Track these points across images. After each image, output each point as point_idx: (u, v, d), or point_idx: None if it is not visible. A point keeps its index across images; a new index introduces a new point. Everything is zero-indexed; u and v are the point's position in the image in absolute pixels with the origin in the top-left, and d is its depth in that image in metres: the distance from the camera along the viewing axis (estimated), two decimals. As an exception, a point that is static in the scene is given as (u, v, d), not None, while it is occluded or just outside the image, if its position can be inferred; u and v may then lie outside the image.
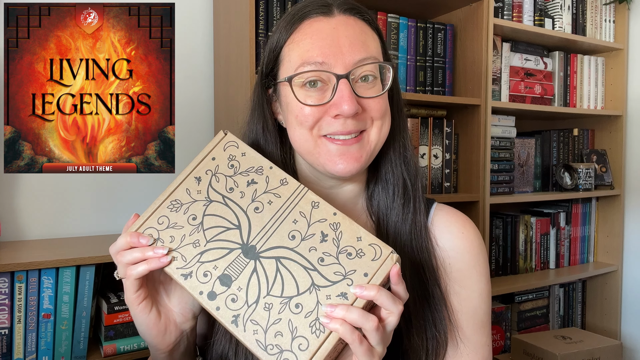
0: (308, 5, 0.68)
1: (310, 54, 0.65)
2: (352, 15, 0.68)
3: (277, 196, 0.60)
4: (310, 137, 0.67)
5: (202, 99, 1.62)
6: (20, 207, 1.37)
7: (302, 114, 0.66)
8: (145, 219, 0.62)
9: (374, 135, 0.68)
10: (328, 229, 0.58)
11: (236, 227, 0.59)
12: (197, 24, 1.61)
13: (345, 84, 0.63)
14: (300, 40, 0.66)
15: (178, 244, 0.60)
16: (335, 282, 0.56)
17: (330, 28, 0.65)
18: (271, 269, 0.57)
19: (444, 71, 1.73)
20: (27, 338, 1.11)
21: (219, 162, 0.63)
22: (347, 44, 0.65)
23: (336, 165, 0.66)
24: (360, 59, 0.65)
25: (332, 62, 0.64)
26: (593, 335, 1.87)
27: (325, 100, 0.65)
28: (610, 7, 2.17)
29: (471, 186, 1.75)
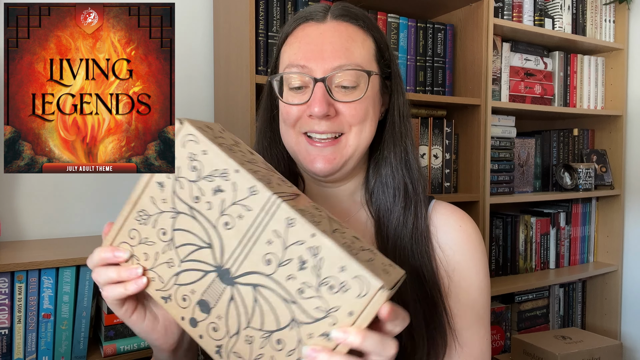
0: (310, 9, 0.73)
1: (295, 57, 0.70)
2: (344, 21, 0.71)
3: (248, 209, 0.50)
4: (293, 133, 0.72)
5: (202, 99, 1.62)
6: (20, 207, 1.37)
7: (286, 111, 0.71)
8: (117, 231, 0.57)
9: (352, 140, 0.70)
10: (307, 254, 0.48)
11: (208, 246, 0.52)
12: (197, 24, 1.61)
13: (320, 87, 0.67)
14: (292, 43, 0.71)
15: (153, 262, 0.55)
16: (317, 319, 0.48)
17: (317, 34, 0.69)
18: (249, 297, 0.50)
19: (444, 71, 1.73)
20: (27, 338, 1.11)
21: (180, 163, 0.55)
22: (330, 50, 0.68)
23: (310, 164, 0.71)
24: (338, 65, 0.68)
25: (312, 67, 0.68)
26: (593, 335, 1.87)
27: (304, 101, 0.69)
28: (610, 7, 2.17)
29: (471, 186, 1.75)
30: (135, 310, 0.60)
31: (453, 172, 1.78)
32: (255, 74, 1.32)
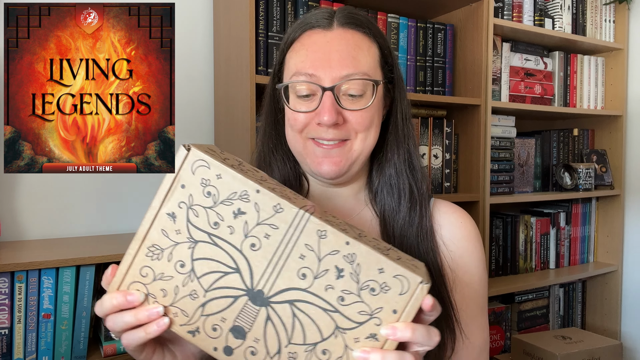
0: (315, 15, 0.73)
1: (303, 64, 0.70)
2: (350, 29, 0.71)
3: (274, 227, 0.50)
4: (300, 139, 0.72)
5: (202, 99, 1.62)
6: (20, 207, 1.37)
7: (293, 118, 0.71)
8: (124, 273, 0.53)
9: (357, 145, 0.72)
10: (343, 263, 0.49)
11: (235, 271, 0.51)
12: (197, 24, 1.61)
13: (329, 96, 0.68)
14: (298, 49, 0.72)
15: (173, 298, 0.52)
16: (362, 322, 0.49)
17: (324, 42, 0.70)
18: (286, 314, 0.50)
19: (444, 71, 1.73)
20: (27, 338, 1.11)
21: (192, 191, 0.52)
22: (337, 59, 0.69)
23: (318, 166, 0.71)
24: (346, 74, 0.69)
25: (320, 75, 0.69)
26: (593, 335, 1.87)
27: (312, 109, 0.70)
28: (610, 7, 2.17)
29: (471, 186, 1.75)
30: (155, 351, 0.58)
31: (453, 172, 1.78)
32: (255, 74, 1.32)
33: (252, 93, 1.31)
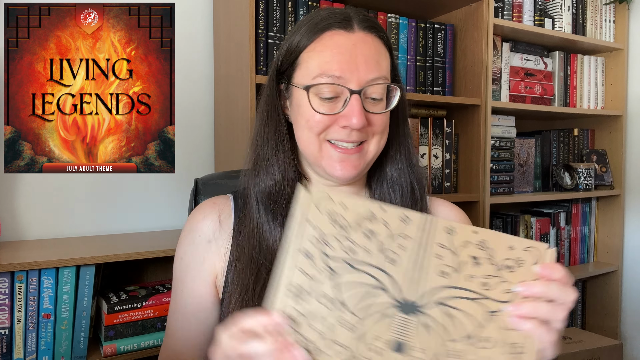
0: (330, 17, 0.72)
1: (329, 66, 0.69)
2: (371, 33, 0.72)
3: (407, 237, 0.52)
4: (317, 141, 0.72)
5: (202, 99, 1.62)
6: (20, 207, 1.37)
7: (313, 120, 0.70)
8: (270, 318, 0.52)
9: (373, 146, 0.73)
10: (477, 251, 0.52)
11: (381, 289, 0.52)
12: (197, 24, 1.61)
13: (357, 100, 0.68)
14: (321, 50, 0.70)
15: (327, 335, 0.51)
16: (509, 300, 0.52)
17: (350, 44, 0.70)
18: (440, 315, 0.52)
19: (444, 71, 1.73)
20: (27, 338, 1.11)
21: (322, 227, 0.53)
22: (363, 62, 0.69)
23: (335, 170, 0.72)
24: (373, 78, 0.70)
25: (347, 77, 0.69)
26: (593, 335, 1.87)
27: (337, 111, 0.70)
28: (610, 7, 2.17)
29: (471, 186, 1.75)
30: None
31: (453, 172, 1.78)
32: (255, 74, 1.32)
33: (252, 93, 1.31)
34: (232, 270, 0.74)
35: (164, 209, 1.56)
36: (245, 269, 0.72)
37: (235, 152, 1.44)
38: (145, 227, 1.54)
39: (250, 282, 0.70)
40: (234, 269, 0.74)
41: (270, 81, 0.77)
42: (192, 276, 0.77)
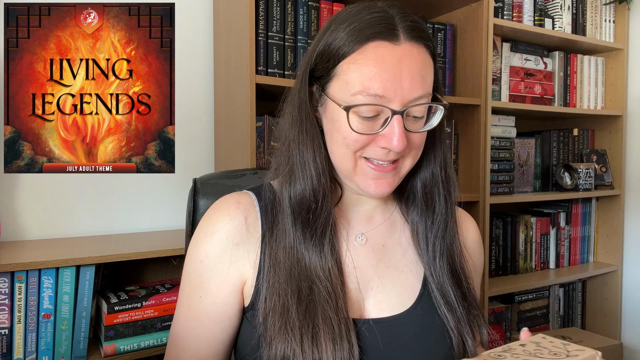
0: (375, 24, 0.66)
1: (371, 83, 0.64)
2: (417, 43, 0.66)
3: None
4: (352, 158, 0.68)
5: (202, 99, 1.62)
6: (20, 207, 1.37)
7: (351, 138, 0.66)
8: None
9: (408, 163, 0.70)
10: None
11: None
12: (197, 24, 1.61)
13: (399, 121, 0.65)
14: (364, 64, 0.65)
15: None
16: None
17: (395, 59, 0.64)
18: None
19: (444, 71, 1.73)
20: (27, 338, 1.11)
21: None
22: (409, 79, 0.65)
23: (369, 188, 0.69)
24: (417, 97, 0.65)
25: (391, 96, 0.64)
26: (593, 335, 1.87)
27: (376, 130, 0.66)
28: (610, 7, 2.17)
29: (471, 186, 1.75)
30: None
31: (453, 172, 1.78)
32: (255, 74, 1.32)
33: (252, 93, 1.31)
34: (265, 282, 0.69)
35: (164, 209, 1.56)
36: (284, 286, 0.68)
37: (235, 152, 1.44)
38: (145, 227, 1.54)
39: (293, 302, 0.66)
40: (269, 283, 0.69)
41: (303, 84, 0.72)
42: (216, 282, 0.71)
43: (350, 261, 0.72)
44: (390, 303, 0.72)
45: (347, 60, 0.66)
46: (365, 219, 0.77)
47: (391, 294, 0.72)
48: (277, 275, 0.68)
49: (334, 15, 0.72)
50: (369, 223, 0.76)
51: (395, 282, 0.73)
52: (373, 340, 0.68)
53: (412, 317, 0.71)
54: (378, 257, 0.74)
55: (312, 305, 0.66)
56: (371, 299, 0.71)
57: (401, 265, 0.75)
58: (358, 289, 0.71)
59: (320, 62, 0.69)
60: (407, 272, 0.74)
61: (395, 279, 0.73)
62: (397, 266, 0.75)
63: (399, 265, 0.75)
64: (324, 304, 0.66)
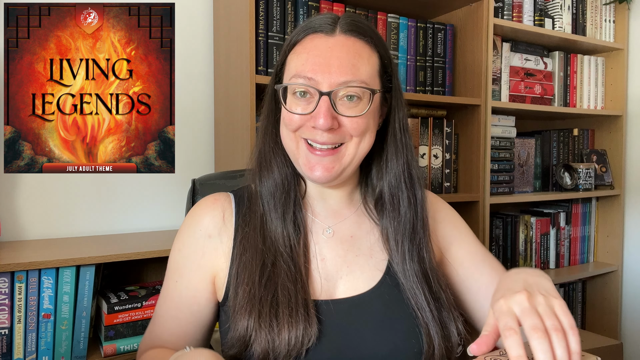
0: (319, 20, 0.74)
1: (303, 67, 0.72)
2: (352, 36, 0.73)
3: None
4: (294, 138, 0.75)
5: (202, 99, 1.62)
6: (20, 207, 1.37)
7: (289, 118, 0.74)
8: None
9: (351, 149, 0.74)
10: None
11: None
12: (197, 24, 1.61)
13: (325, 101, 0.70)
14: (300, 52, 0.73)
15: None
16: None
17: (326, 47, 0.72)
18: None
19: (444, 71, 1.73)
20: (27, 338, 1.11)
21: None
22: (337, 65, 0.71)
23: (312, 173, 0.74)
24: (344, 81, 0.71)
25: (319, 79, 0.70)
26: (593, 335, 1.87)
27: (309, 111, 0.72)
28: (610, 7, 2.17)
29: (471, 186, 1.75)
30: None
31: (453, 172, 1.78)
32: (255, 74, 1.32)
33: (252, 93, 1.31)
34: (236, 264, 0.76)
35: (164, 209, 1.56)
36: (251, 260, 0.74)
37: (235, 152, 1.44)
38: (145, 227, 1.54)
39: (257, 273, 0.73)
40: (240, 260, 0.76)
41: (271, 81, 0.80)
42: (189, 268, 0.79)
43: (317, 253, 0.77)
44: (357, 286, 0.76)
45: (291, 54, 0.75)
46: (333, 213, 0.81)
47: (360, 279, 0.76)
48: (247, 252, 0.75)
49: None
50: (336, 217, 0.81)
51: (364, 268, 0.77)
52: (338, 317, 0.72)
53: (376, 294, 0.75)
54: (346, 247, 0.79)
55: (274, 278, 0.72)
56: (340, 286, 0.76)
57: (370, 254, 0.79)
58: (326, 278, 0.76)
59: (279, 60, 0.78)
60: (375, 258, 0.79)
61: (363, 266, 0.78)
62: (365, 254, 0.79)
63: (368, 253, 0.79)
64: (283, 276, 0.71)
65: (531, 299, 0.57)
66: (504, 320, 0.56)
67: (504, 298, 0.58)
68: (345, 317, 0.72)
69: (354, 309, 0.73)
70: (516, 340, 0.54)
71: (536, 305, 0.56)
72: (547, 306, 0.56)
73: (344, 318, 0.72)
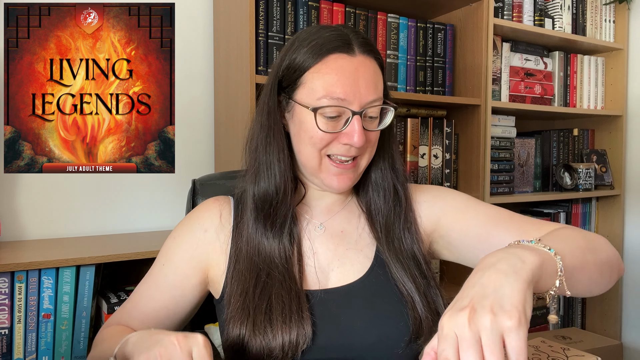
0: (333, 40, 0.77)
1: (334, 89, 0.75)
2: (369, 56, 0.78)
3: None
4: (317, 156, 0.78)
5: (202, 99, 1.62)
6: (20, 207, 1.37)
7: (317, 137, 0.76)
8: None
9: (365, 160, 0.81)
10: None
11: None
12: (197, 24, 1.61)
13: (358, 120, 0.75)
14: (326, 73, 0.76)
15: None
16: None
17: (352, 68, 0.76)
18: None
19: (444, 71, 1.73)
20: (27, 338, 1.11)
21: None
22: (364, 85, 0.76)
23: (333, 183, 0.79)
24: (372, 100, 0.77)
25: (350, 99, 0.75)
26: (593, 335, 1.87)
27: (339, 129, 0.76)
28: (610, 7, 2.17)
29: (471, 186, 1.75)
30: None
31: (453, 172, 1.78)
32: (255, 74, 1.32)
33: (252, 93, 1.31)
34: (231, 270, 0.79)
35: (164, 209, 1.56)
36: (244, 272, 0.77)
37: (235, 152, 1.44)
38: (145, 227, 1.54)
39: (251, 285, 0.75)
40: (234, 269, 0.78)
41: (272, 93, 0.81)
42: (180, 257, 0.82)
43: (309, 248, 0.81)
44: (347, 277, 0.79)
45: (312, 71, 0.76)
46: (326, 210, 0.86)
47: (350, 271, 0.80)
48: (240, 264, 0.78)
49: (295, 35, 0.82)
50: (328, 213, 0.85)
51: (354, 261, 0.81)
52: (328, 306, 0.76)
53: (365, 282, 0.79)
54: (337, 242, 0.83)
55: (268, 289, 0.74)
56: (332, 278, 0.79)
57: (360, 246, 0.83)
58: (318, 271, 0.79)
59: (286, 75, 0.79)
60: (365, 250, 0.82)
61: (354, 259, 0.81)
62: (355, 248, 0.83)
63: (358, 246, 0.83)
64: (278, 285, 0.74)
65: (474, 322, 0.48)
66: (442, 346, 0.48)
67: (449, 314, 0.50)
68: (336, 306, 0.76)
69: (344, 298, 0.77)
70: None
71: (480, 331, 0.47)
72: (492, 333, 0.47)
73: (335, 308, 0.76)
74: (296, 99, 0.78)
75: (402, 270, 0.78)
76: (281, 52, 0.82)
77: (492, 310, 0.48)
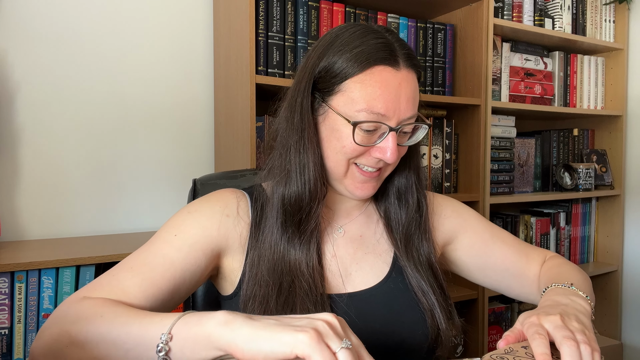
0: (379, 50, 0.73)
1: (375, 103, 0.72)
2: (412, 70, 0.76)
3: None
4: (345, 164, 0.76)
5: (202, 99, 1.62)
6: (20, 207, 1.37)
7: (350, 148, 0.74)
8: None
9: (389, 170, 0.80)
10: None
11: None
12: (197, 24, 1.61)
13: (394, 137, 0.74)
14: (369, 85, 0.72)
15: None
16: None
17: (396, 83, 0.73)
18: None
19: (444, 71, 1.73)
20: (27, 338, 1.11)
21: None
22: (405, 101, 0.74)
23: (356, 190, 0.78)
24: (409, 117, 0.75)
25: (390, 115, 0.73)
26: (593, 335, 1.86)
27: (373, 142, 0.75)
28: (610, 7, 2.17)
29: (471, 186, 1.75)
30: None
31: (453, 172, 1.78)
32: (255, 74, 1.32)
33: (252, 93, 1.31)
34: (252, 271, 0.74)
35: (164, 209, 1.56)
36: (266, 276, 0.73)
37: (235, 152, 1.44)
38: (145, 227, 1.54)
39: (273, 293, 0.72)
40: (254, 272, 0.73)
41: (306, 93, 0.76)
42: (197, 232, 0.73)
43: (330, 251, 0.80)
44: (366, 281, 0.79)
45: (354, 80, 0.72)
46: (345, 214, 0.85)
47: (369, 275, 0.80)
48: (261, 267, 0.74)
49: (335, 33, 0.77)
50: (347, 217, 0.85)
51: (373, 266, 0.81)
52: (348, 310, 0.74)
53: (383, 287, 0.79)
54: (356, 246, 0.82)
55: (292, 298, 0.72)
56: (351, 282, 0.79)
57: (378, 251, 0.83)
58: (338, 274, 0.78)
59: (324, 76, 0.75)
60: (384, 256, 0.82)
61: (372, 263, 0.81)
62: (374, 252, 0.82)
63: (376, 251, 0.83)
64: (303, 296, 0.72)
65: (564, 321, 0.60)
66: (533, 329, 0.59)
67: (537, 316, 0.61)
68: (356, 310, 0.75)
69: (364, 302, 0.76)
70: (543, 342, 0.56)
71: (568, 326, 0.60)
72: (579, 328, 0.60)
73: (355, 311, 0.75)
74: (332, 105, 0.74)
75: (420, 279, 0.79)
76: (316, 49, 0.77)
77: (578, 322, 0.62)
